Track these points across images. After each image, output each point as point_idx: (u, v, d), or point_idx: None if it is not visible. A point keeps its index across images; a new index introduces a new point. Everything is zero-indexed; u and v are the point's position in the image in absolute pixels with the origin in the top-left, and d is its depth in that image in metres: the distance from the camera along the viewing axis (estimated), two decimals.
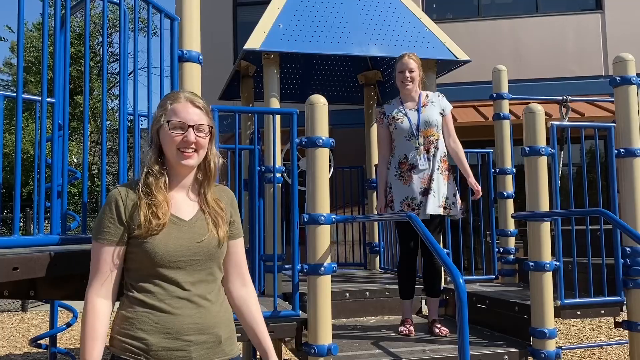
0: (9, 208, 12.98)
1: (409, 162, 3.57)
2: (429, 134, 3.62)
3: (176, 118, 1.67)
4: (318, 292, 2.89)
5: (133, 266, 1.64)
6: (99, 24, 16.16)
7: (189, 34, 2.74)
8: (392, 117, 3.67)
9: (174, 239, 1.62)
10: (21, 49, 2.20)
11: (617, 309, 3.49)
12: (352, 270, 5.58)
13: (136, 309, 1.61)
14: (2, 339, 7.40)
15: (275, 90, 4.20)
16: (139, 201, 1.63)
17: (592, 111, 8.99)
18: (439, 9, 10.86)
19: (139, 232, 1.60)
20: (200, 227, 1.68)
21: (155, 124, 1.72)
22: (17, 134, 2.15)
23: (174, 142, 1.67)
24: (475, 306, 3.87)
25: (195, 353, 1.61)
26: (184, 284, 1.63)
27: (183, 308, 1.62)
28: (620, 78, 3.60)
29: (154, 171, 1.67)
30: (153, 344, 1.58)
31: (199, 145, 1.69)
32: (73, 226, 3.79)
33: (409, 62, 3.65)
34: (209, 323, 1.65)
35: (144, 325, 1.59)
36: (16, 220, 2.13)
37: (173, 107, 1.70)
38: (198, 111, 1.71)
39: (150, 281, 1.61)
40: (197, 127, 1.68)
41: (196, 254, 1.65)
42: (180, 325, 1.60)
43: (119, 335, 1.61)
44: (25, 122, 14.46)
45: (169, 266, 1.61)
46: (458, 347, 2.02)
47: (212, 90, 5.58)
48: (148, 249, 1.60)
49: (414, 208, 3.51)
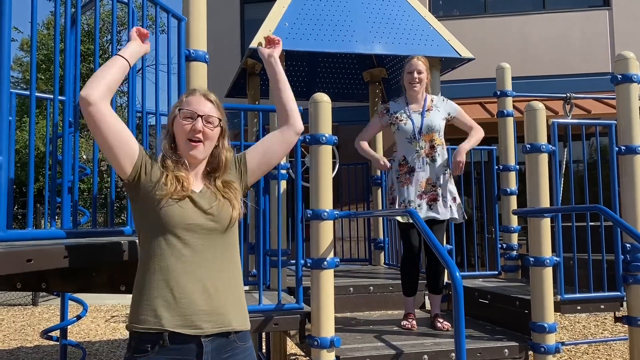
0: (19, 204, 13.15)
1: (409, 165, 3.63)
2: (431, 139, 3.67)
3: (188, 107, 1.81)
4: (321, 285, 2.96)
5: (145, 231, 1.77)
6: (108, 21, 16.29)
7: (196, 34, 2.80)
8: (396, 117, 3.72)
9: (190, 208, 1.75)
10: (34, 51, 2.27)
11: (617, 304, 3.53)
12: (357, 265, 5.64)
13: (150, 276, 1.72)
14: (14, 333, 7.53)
15: None
16: (164, 170, 1.77)
17: (598, 108, 8.98)
18: (445, 5, 10.87)
19: (160, 193, 1.71)
20: (210, 198, 1.80)
21: (171, 115, 1.86)
22: (31, 131, 2.23)
23: (184, 130, 1.79)
24: (477, 301, 3.93)
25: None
26: (194, 245, 1.73)
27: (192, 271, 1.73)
28: (621, 76, 3.63)
29: (169, 154, 1.80)
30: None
31: (205, 136, 1.80)
32: (83, 221, 3.88)
33: (417, 64, 3.71)
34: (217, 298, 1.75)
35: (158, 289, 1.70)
36: (29, 214, 2.21)
37: (187, 99, 1.85)
38: (209, 104, 1.84)
39: (163, 240, 1.73)
40: (206, 118, 1.81)
41: (207, 222, 1.76)
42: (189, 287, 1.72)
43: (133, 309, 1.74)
44: (35, 119, 14.53)
45: (182, 228, 1.73)
46: (454, 339, 2.08)
47: (219, 88, 5.64)
48: (165, 212, 1.71)
49: (416, 210, 3.56)
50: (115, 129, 1.73)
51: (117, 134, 1.74)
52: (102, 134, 1.72)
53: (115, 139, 1.73)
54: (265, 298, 3.16)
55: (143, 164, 1.77)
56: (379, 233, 5.51)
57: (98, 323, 8.02)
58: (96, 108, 1.69)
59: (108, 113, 1.73)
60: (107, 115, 1.72)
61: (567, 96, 4.75)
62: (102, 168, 15.98)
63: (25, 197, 14.10)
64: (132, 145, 1.77)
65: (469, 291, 4.01)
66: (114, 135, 1.73)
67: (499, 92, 4.68)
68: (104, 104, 1.72)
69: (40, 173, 14.94)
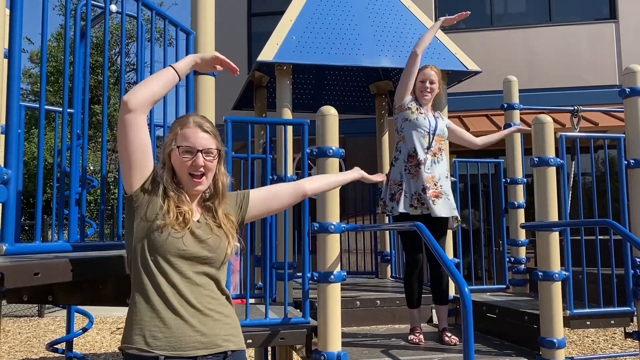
0: (26, 215, 13.21)
1: (418, 158, 3.63)
2: (440, 141, 3.74)
3: (186, 143, 1.79)
4: (328, 299, 2.94)
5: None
6: (116, 34, 16.45)
7: (204, 48, 2.82)
8: (417, 108, 3.72)
9: (188, 238, 1.75)
10: (44, 65, 2.29)
11: (627, 320, 3.49)
12: (363, 278, 5.62)
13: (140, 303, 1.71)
14: (19, 344, 7.53)
15: (288, 101, 4.27)
16: (167, 200, 1.75)
17: (605, 121, 8.96)
18: None
19: (161, 222, 1.70)
20: (206, 229, 1.79)
21: (167, 147, 1.83)
22: (40, 144, 2.24)
23: (185, 166, 1.78)
24: (485, 316, 3.89)
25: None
26: (186, 272, 1.72)
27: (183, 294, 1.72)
28: (629, 89, 3.62)
29: (172, 187, 1.78)
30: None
31: (207, 169, 1.81)
32: (90, 233, 3.89)
33: (431, 74, 3.75)
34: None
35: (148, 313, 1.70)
36: (37, 227, 2.22)
37: (183, 132, 1.81)
38: (207, 135, 1.82)
39: (156, 263, 1.72)
40: (206, 151, 1.80)
41: (202, 252, 1.75)
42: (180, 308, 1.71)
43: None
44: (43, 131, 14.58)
45: (176, 255, 1.72)
46: (463, 354, 2.05)
47: (226, 100, 5.67)
48: (162, 238, 1.70)
49: (423, 203, 3.57)
50: (142, 142, 1.74)
51: (142, 147, 1.75)
52: (129, 142, 1.72)
53: (138, 151, 1.74)
54: (271, 312, 3.14)
55: (149, 187, 1.77)
56: (386, 246, 5.48)
57: (103, 335, 8.01)
58: (133, 116, 1.71)
59: (142, 124, 1.74)
60: (141, 127, 1.73)
61: (575, 109, 4.74)
62: (109, 180, 16.06)
63: (31, 208, 14.16)
64: (149, 164, 1.78)
65: (477, 305, 3.98)
66: (139, 148, 1.74)
67: (506, 105, 4.68)
68: (143, 114, 1.74)
69: (47, 184, 15.02)
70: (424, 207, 3.57)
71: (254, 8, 11.51)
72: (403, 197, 3.60)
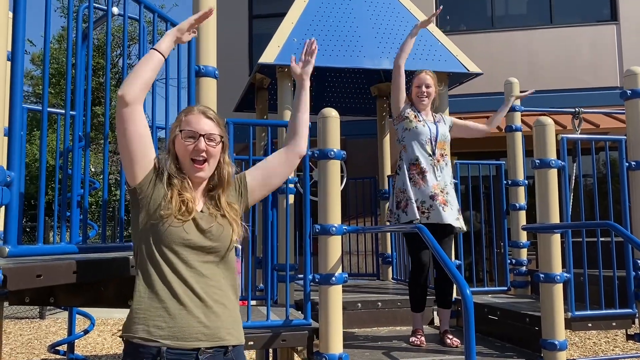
0: (27, 216, 13.23)
1: (421, 166, 3.62)
2: (443, 147, 3.71)
3: (188, 127, 1.81)
4: (329, 301, 2.94)
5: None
6: (118, 36, 16.47)
7: (206, 50, 2.83)
8: (414, 115, 3.71)
9: (191, 227, 1.75)
10: (47, 67, 2.29)
11: (628, 322, 3.49)
12: (364, 280, 5.61)
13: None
14: (20, 346, 7.53)
15: (289, 103, 4.28)
16: (170, 188, 1.76)
17: (606, 122, 8.94)
18: (453, 20, 10.91)
19: (165, 212, 1.72)
20: (209, 219, 1.80)
21: (171, 135, 1.86)
22: (42, 146, 2.24)
23: (187, 151, 1.80)
24: (486, 317, 3.89)
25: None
26: (191, 262, 1.73)
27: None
28: (631, 91, 3.62)
29: (176, 174, 1.80)
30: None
31: (209, 154, 1.82)
32: (91, 235, 3.89)
33: (426, 78, 3.75)
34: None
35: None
36: (40, 229, 2.22)
37: (187, 118, 1.84)
38: (210, 122, 1.84)
39: (161, 254, 1.73)
40: (208, 137, 1.81)
41: (206, 242, 1.76)
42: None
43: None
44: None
45: (181, 244, 1.73)
46: (464, 356, 2.05)
47: (227, 102, 5.68)
48: (165, 229, 1.71)
49: (428, 211, 3.56)
50: (141, 134, 1.76)
51: (142, 138, 1.76)
52: (129, 134, 1.74)
53: (139, 142, 1.76)
54: (272, 313, 3.14)
55: (153, 177, 1.79)
56: (387, 248, 5.48)
57: (105, 337, 8.00)
58: (131, 109, 1.73)
59: (140, 115, 1.76)
60: (138, 119, 1.75)
61: (576, 111, 4.74)
62: (110, 181, 16.08)
63: (33, 210, 14.17)
64: (150, 156, 1.80)
65: (478, 307, 3.97)
66: (139, 139, 1.76)
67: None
68: (139, 106, 1.77)
69: (49, 186, 15.05)
70: (431, 215, 3.57)
71: (256, 10, 11.52)
72: (410, 205, 3.59)
